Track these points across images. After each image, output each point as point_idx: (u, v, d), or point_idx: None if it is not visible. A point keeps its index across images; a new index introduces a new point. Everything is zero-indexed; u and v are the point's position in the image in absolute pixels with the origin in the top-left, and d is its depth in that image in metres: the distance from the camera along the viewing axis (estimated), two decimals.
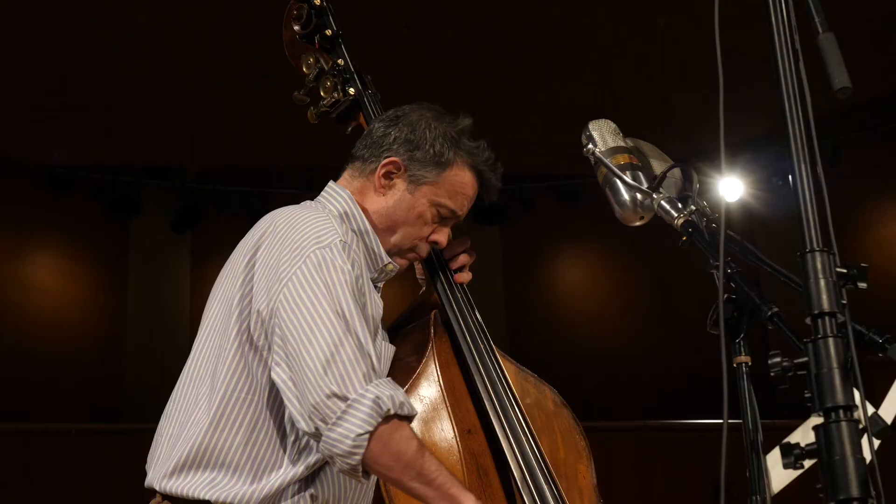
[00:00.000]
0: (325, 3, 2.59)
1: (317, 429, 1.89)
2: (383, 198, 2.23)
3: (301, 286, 1.96)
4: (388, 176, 2.24)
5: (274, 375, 1.97)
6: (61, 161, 8.77)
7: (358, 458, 1.87)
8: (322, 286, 1.96)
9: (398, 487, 2.01)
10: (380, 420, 1.87)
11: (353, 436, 1.86)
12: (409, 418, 1.94)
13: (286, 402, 1.96)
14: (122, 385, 9.03)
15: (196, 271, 9.28)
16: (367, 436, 1.86)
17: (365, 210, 2.22)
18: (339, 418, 1.87)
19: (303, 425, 1.92)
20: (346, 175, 2.30)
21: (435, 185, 2.23)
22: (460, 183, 2.25)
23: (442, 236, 2.28)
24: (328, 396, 1.87)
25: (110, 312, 9.29)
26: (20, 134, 8.19)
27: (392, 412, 1.89)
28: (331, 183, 2.30)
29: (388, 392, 1.90)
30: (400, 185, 2.23)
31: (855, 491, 1.25)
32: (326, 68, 2.54)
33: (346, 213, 2.21)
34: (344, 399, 1.87)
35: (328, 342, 1.91)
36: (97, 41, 7.14)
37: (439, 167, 2.23)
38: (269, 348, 2.00)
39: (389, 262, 2.23)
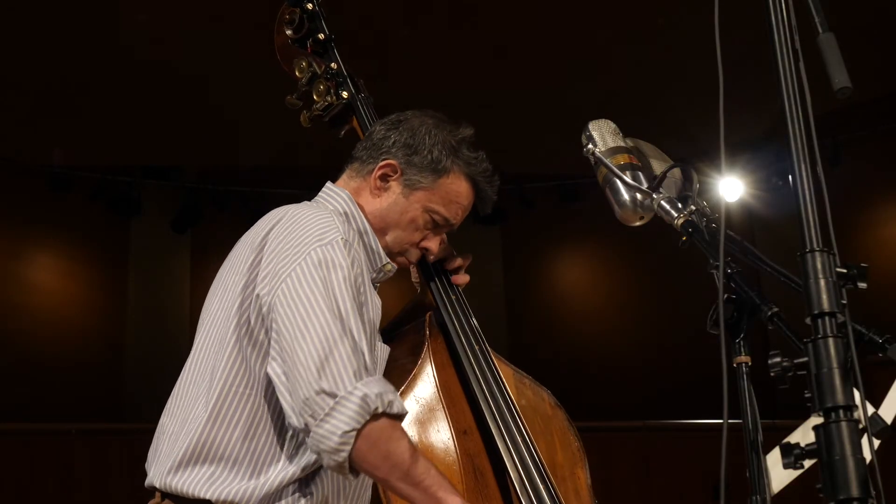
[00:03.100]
0: (317, 8, 2.59)
1: (306, 424, 1.90)
2: (378, 199, 2.25)
3: (299, 282, 1.97)
4: (384, 178, 2.25)
5: (269, 370, 1.99)
6: (61, 161, 8.76)
7: (344, 455, 1.88)
8: (320, 283, 1.96)
9: (385, 487, 2.03)
10: (367, 418, 1.87)
11: (339, 433, 1.86)
12: (399, 417, 1.94)
13: (279, 396, 1.97)
14: (121, 385, 9.03)
15: (196, 271, 9.27)
16: (353, 433, 1.87)
17: (362, 209, 2.24)
18: (326, 414, 1.87)
19: (294, 420, 1.94)
20: (344, 176, 2.32)
21: (430, 191, 2.24)
22: (455, 192, 2.26)
23: (433, 243, 2.29)
24: (317, 393, 1.88)
25: (110, 312, 9.29)
26: (20, 134, 8.19)
27: (380, 410, 1.89)
28: (328, 184, 2.31)
29: (377, 390, 1.90)
30: (395, 188, 2.25)
31: (855, 491, 1.25)
32: (319, 72, 2.54)
33: (346, 213, 2.22)
34: (333, 396, 1.88)
35: (322, 339, 1.91)
36: (97, 41, 7.14)
37: (435, 174, 2.24)
38: (268, 343, 2.00)
39: (388, 262, 2.24)
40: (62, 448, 7.24)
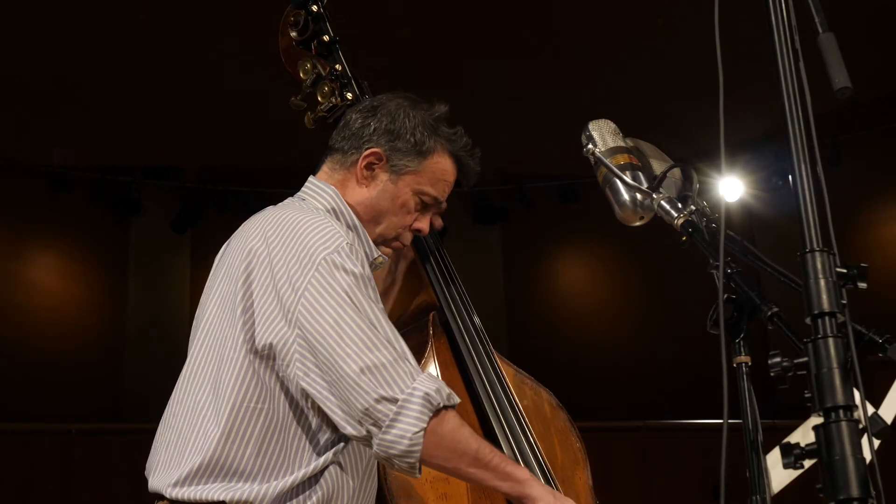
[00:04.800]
0: (321, 10, 2.59)
1: (368, 432, 1.91)
2: (366, 189, 2.24)
3: (320, 294, 1.96)
4: (369, 167, 2.24)
5: (306, 386, 1.97)
6: (61, 161, 8.76)
7: (417, 455, 1.90)
8: (341, 291, 1.96)
9: (455, 475, 2.04)
10: (431, 415, 1.89)
11: (409, 435, 1.88)
12: (455, 407, 1.97)
13: (327, 410, 1.96)
14: (122, 385, 9.03)
15: (196, 271, 9.27)
16: (422, 433, 1.88)
17: (349, 203, 2.23)
18: (392, 420, 1.88)
19: (351, 430, 1.93)
20: (325, 169, 2.30)
21: (417, 173, 2.25)
22: (441, 170, 2.27)
23: (424, 224, 2.30)
24: (377, 401, 1.88)
25: (110, 312, 9.29)
26: (20, 134, 8.19)
27: (442, 405, 1.91)
28: (311, 178, 2.29)
29: (434, 385, 1.92)
30: (382, 175, 2.24)
31: (855, 491, 1.25)
32: (324, 74, 2.54)
33: (334, 209, 2.21)
34: (394, 401, 1.89)
35: (361, 347, 1.91)
36: (97, 40, 7.14)
37: (420, 156, 2.25)
38: (283, 357, 1.99)
39: (379, 255, 2.25)
40: (62, 448, 7.24)
